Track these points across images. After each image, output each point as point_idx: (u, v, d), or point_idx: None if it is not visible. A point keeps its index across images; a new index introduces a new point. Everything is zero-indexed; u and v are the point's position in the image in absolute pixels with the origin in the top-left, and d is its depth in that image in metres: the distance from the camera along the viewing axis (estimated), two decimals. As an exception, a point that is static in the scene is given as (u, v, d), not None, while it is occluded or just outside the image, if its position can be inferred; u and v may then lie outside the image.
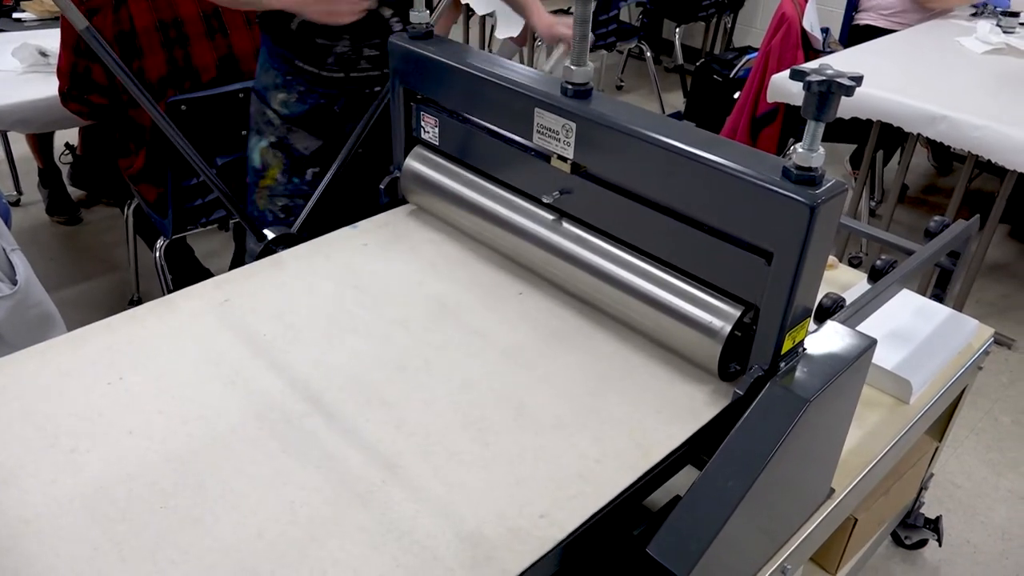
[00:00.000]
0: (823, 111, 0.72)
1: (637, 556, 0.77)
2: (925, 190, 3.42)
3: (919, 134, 2.26)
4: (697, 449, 0.86)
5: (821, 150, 0.75)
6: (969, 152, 2.20)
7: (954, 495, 1.88)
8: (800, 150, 0.75)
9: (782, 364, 0.85)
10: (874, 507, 1.32)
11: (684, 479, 0.85)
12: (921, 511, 1.66)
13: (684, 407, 0.86)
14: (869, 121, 2.36)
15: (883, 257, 1.24)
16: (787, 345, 0.84)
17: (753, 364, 0.85)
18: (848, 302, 1.11)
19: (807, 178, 0.75)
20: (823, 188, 0.75)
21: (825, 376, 0.84)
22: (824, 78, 0.70)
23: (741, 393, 0.83)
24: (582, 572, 0.82)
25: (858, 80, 0.70)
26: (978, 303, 2.55)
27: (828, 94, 0.70)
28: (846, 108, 2.23)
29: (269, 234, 1.26)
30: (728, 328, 0.85)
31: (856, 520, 1.26)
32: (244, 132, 2.02)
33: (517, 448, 0.81)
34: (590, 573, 0.82)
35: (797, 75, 0.70)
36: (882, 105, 2.26)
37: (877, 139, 2.56)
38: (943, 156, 3.55)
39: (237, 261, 2.37)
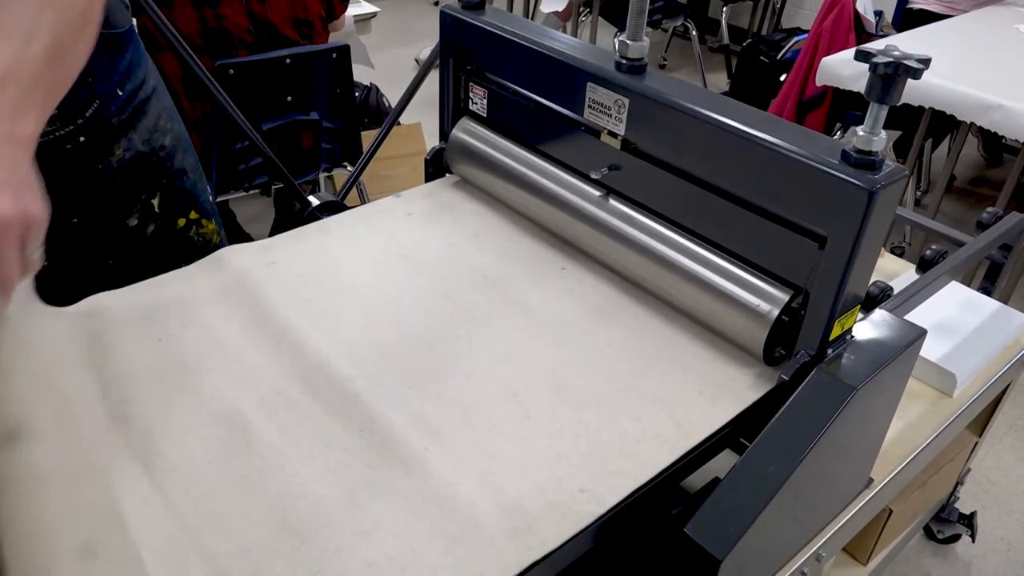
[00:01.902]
0: (888, 94, 0.70)
1: (674, 536, 0.77)
2: (973, 181, 3.34)
3: (972, 123, 2.20)
4: (737, 433, 0.86)
5: (883, 134, 0.73)
6: (1023, 144, 2.14)
7: (990, 491, 1.85)
8: (861, 133, 0.73)
9: (829, 351, 0.84)
10: (910, 499, 1.31)
11: (722, 463, 0.84)
12: (956, 506, 1.64)
13: (727, 389, 0.86)
14: (918, 108, 2.31)
15: (933, 247, 1.22)
16: (835, 332, 0.83)
17: (800, 349, 0.84)
18: (895, 291, 1.09)
19: (867, 162, 0.74)
20: (883, 173, 0.74)
21: (873, 364, 0.83)
22: (891, 59, 0.68)
23: (786, 378, 0.82)
24: (618, 549, 0.82)
25: (926, 63, 0.68)
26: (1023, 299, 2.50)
27: (894, 76, 0.69)
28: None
29: (314, 200, 1.27)
30: (776, 312, 0.84)
31: (891, 511, 1.25)
32: (290, 98, 2.03)
33: (557, 423, 0.81)
34: (626, 551, 0.83)
35: (863, 56, 0.69)
36: (935, 92, 2.21)
37: (927, 127, 2.50)
38: (994, 147, 3.46)
39: (277, 227, 2.40)
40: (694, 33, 4.15)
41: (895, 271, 1.41)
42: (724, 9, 4.37)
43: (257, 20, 1.86)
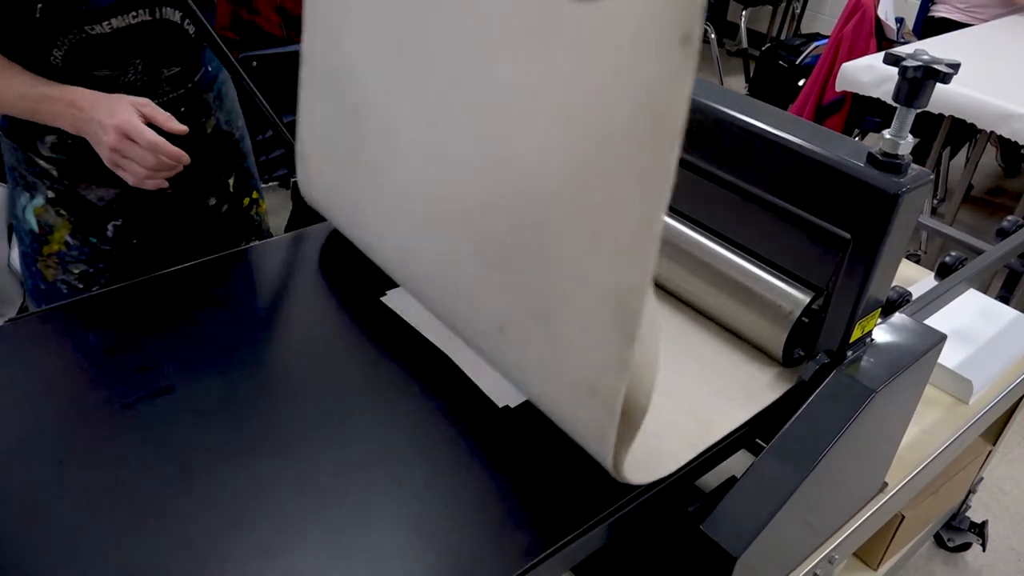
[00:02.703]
0: (916, 98, 0.71)
1: (690, 533, 0.78)
2: (990, 191, 3.33)
3: (992, 132, 2.20)
4: (753, 433, 0.86)
5: (910, 138, 0.74)
6: (1043, 154, 2.13)
7: (1001, 501, 1.85)
8: (888, 136, 0.74)
9: (849, 353, 0.84)
10: (922, 506, 1.31)
11: (737, 463, 0.85)
12: (967, 514, 1.64)
13: (745, 388, 0.86)
14: (937, 115, 2.30)
15: (953, 253, 1.22)
16: (856, 334, 0.83)
17: (819, 351, 0.84)
18: (913, 297, 1.09)
19: (893, 165, 0.74)
20: (908, 176, 0.74)
21: (893, 368, 0.83)
22: (920, 63, 0.69)
23: (806, 380, 0.83)
24: (633, 546, 0.83)
25: (955, 67, 0.68)
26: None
27: (923, 80, 0.69)
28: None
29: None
30: (797, 313, 0.84)
31: (903, 517, 1.25)
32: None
33: (576, 417, 0.82)
34: (641, 547, 0.83)
35: (892, 59, 0.69)
36: (955, 100, 2.20)
37: (946, 135, 2.50)
38: (1012, 157, 3.44)
39: (294, 221, 2.41)
40: (712, 36, 4.15)
41: (912, 277, 1.40)
42: (743, 13, 4.36)
43: (288, 15, 1.88)
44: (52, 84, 0.96)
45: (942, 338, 0.89)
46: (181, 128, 0.97)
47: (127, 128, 0.94)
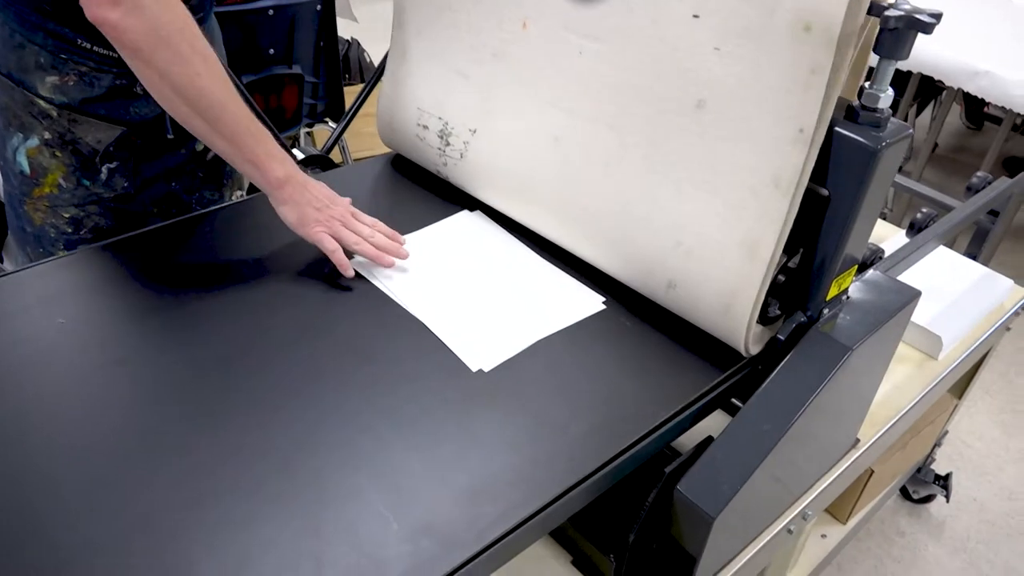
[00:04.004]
0: (897, 49, 0.69)
1: (667, 494, 0.77)
2: (954, 149, 3.35)
3: (959, 89, 2.20)
4: (729, 394, 0.85)
5: (890, 91, 0.72)
6: (1008, 111, 2.15)
7: (964, 453, 1.89)
8: (868, 89, 0.72)
9: (825, 311, 0.83)
10: (890, 460, 1.32)
11: (713, 423, 0.84)
12: (932, 467, 1.67)
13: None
14: (905, 72, 2.30)
15: (924, 210, 1.22)
16: (832, 292, 0.82)
17: (796, 310, 0.84)
18: (886, 254, 1.09)
19: (872, 119, 0.72)
20: (888, 131, 0.73)
21: (868, 325, 0.83)
22: (902, 13, 0.67)
23: (782, 339, 0.82)
24: (612, 507, 0.82)
25: (938, 18, 0.67)
26: (1001, 265, 2.53)
27: (905, 31, 0.67)
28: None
29: (299, 154, 1.24)
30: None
31: (872, 471, 1.27)
32: (272, 51, 1.98)
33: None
34: (619, 509, 0.82)
35: (875, 9, 0.67)
36: (923, 56, 2.19)
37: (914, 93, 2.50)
38: (976, 114, 3.47)
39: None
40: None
41: (882, 235, 1.41)
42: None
43: None
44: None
45: (916, 295, 0.89)
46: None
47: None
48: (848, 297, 0.87)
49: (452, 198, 1.09)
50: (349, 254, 0.93)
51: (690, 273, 0.82)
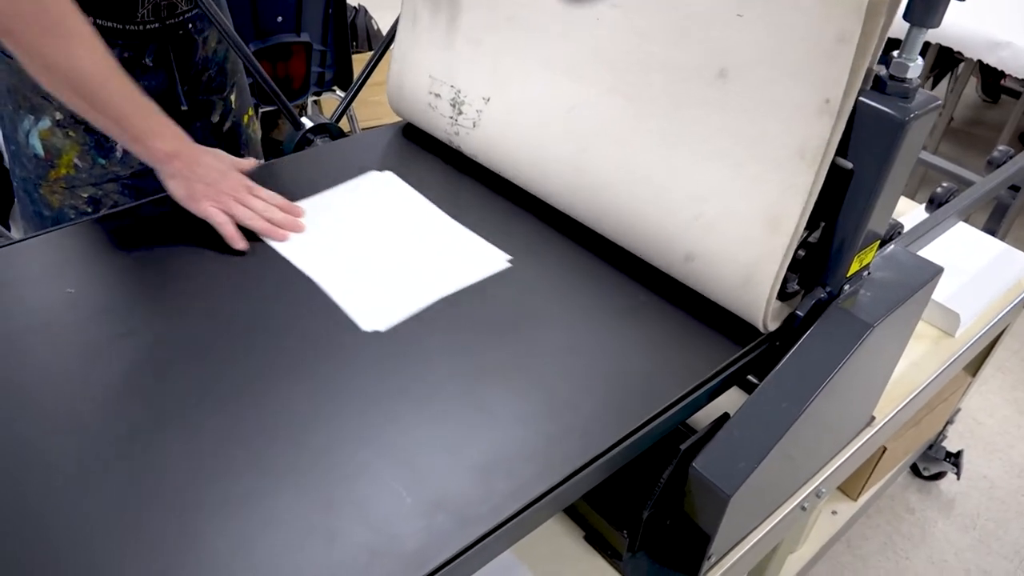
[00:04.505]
0: (929, 16, 0.67)
1: (682, 471, 0.76)
2: (971, 122, 3.31)
3: (977, 61, 2.16)
4: (745, 370, 0.84)
5: (919, 60, 0.70)
6: (1028, 83, 2.10)
7: (976, 431, 1.88)
8: (897, 58, 0.70)
9: (846, 287, 0.82)
10: (903, 437, 1.31)
11: (727, 400, 0.83)
12: (943, 444, 1.66)
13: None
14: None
15: (945, 185, 1.19)
16: (853, 268, 0.80)
17: (816, 285, 0.82)
18: (905, 229, 1.07)
19: (901, 90, 0.70)
20: (916, 102, 0.71)
21: (890, 302, 0.81)
22: (936, -22, 0.64)
23: (801, 315, 0.80)
24: (625, 483, 0.81)
25: (972, -17, 0.64)
26: (1019, 241, 2.50)
27: (938, -3, 0.65)
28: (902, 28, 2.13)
29: (307, 123, 1.21)
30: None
31: (885, 449, 1.26)
32: (280, 19, 1.95)
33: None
34: (633, 485, 0.82)
35: (906, -27, 0.65)
36: (942, 27, 2.15)
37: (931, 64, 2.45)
38: (993, 87, 3.41)
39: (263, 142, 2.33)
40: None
41: (899, 209, 1.38)
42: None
43: None
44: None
45: (938, 271, 0.87)
46: (251, 163, 0.98)
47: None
48: (869, 273, 0.85)
49: (463, 168, 1.07)
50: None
51: (709, 245, 0.80)
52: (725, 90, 0.76)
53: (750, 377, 0.88)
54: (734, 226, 0.78)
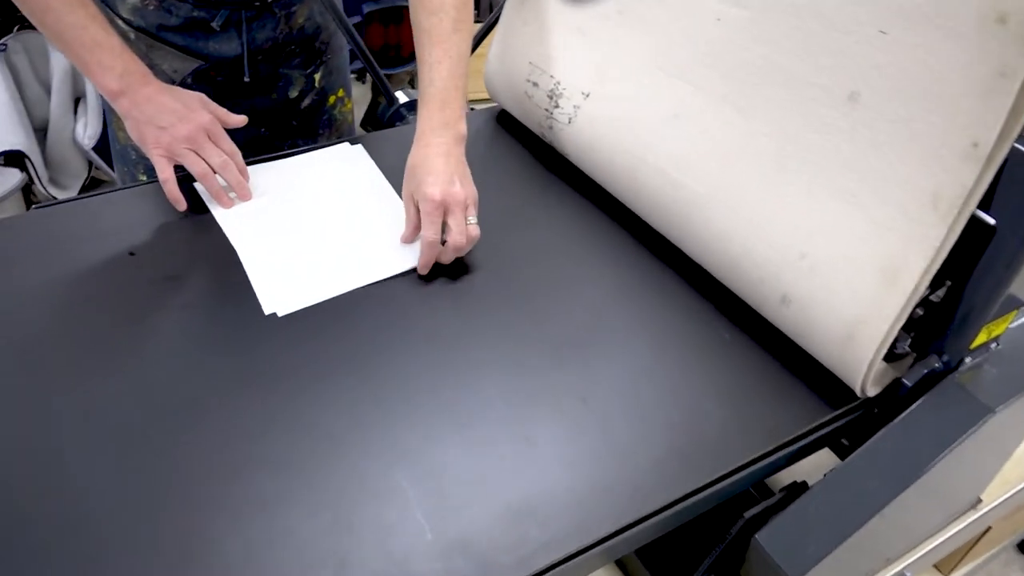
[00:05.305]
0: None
1: (743, 537, 0.68)
2: None
3: None
4: (835, 436, 0.74)
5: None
6: None
7: (1097, 512, 1.68)
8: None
9: (967, 359, 0.70)
10: (1013, 517, 1.17)
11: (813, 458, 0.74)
12: (1057, 523, 1.48)
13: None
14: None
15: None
16: (980, 338, 0.69)
17: (931, 351, 0.71)
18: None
19: (1067, 138, 0.58)
20: (1086, 153, 0.59)
21: (1018, 384, 0.69)
22: None
23: (909, 384, 0.70)
24: (677, 537, 0.74)
25: None
26: None
27: None
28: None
29: (402, 97, 1.17)
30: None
31: (989, 528, 1.12)
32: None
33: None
34: (686, 541, 0.74)
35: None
36: None
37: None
38: None
39: (367, 119, 2.32)
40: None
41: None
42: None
43: None
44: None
45: (1085, 351, 0.74)
46: (239, 119, 0.90)
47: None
48: (998, 345, 0.73)
49: (553, 166, 1.00)
50: None
51: (811, 290, 0.71)
52: (854, 117, 0.66)
53: (844, 440, 0.78)
54: (843, 273, 0.68)
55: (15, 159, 1.78)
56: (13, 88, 1.80)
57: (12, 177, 1.80)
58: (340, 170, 0.96)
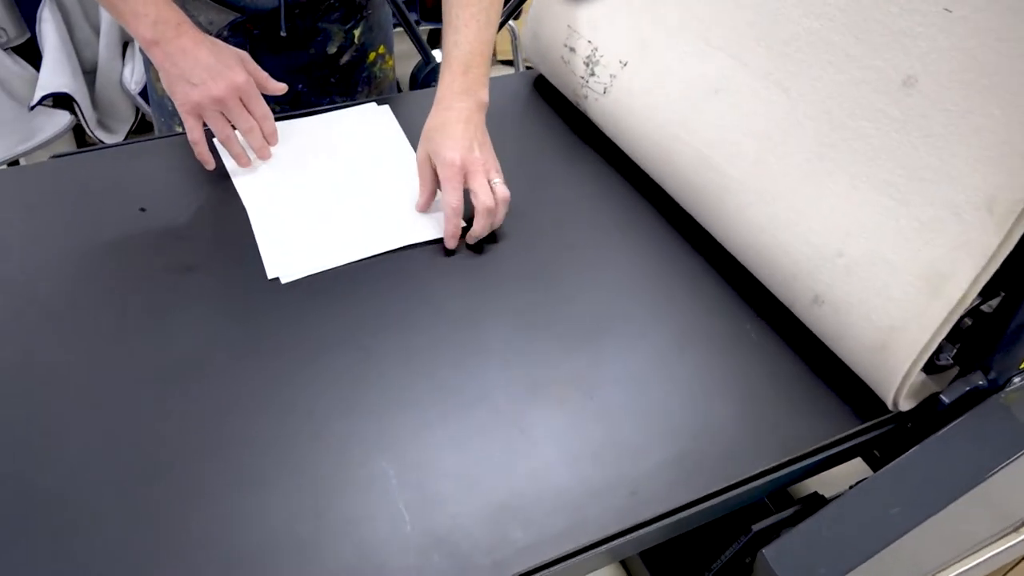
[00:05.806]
0: None
1: (750, 550, 0.63)
2: None
3: None
4: (863, 448, 0.69)
5: None
6: None
7: None
8: None
9: (1016, 379, 0.64)
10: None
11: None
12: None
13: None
14: None
15: None
16: (1032, 357, 0.62)
17: (976, 366, 0.64)
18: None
19: None
20: None
21: (1071, 410, 0.63)
22: None
23: (948, 400, 0.63)
24: (681, 541, 0.70)
25: None
26: None
27: None
28: None
29: (439, 57, 1.12)
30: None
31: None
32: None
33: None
34: (690, 545, 0.70)
35: None
36: None
37: None
38: None
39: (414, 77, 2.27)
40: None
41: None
42: None
43: None
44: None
45: None
46: (279, 87, 0.87)
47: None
48: (1053, 365, 0.66)
49: (588, 137, 0.94)
50: None
51: (846, 292, 0.65)
52: (908, 105, 0.59)
53: (876, 452, 0.72)
54: (882, 276, 0.62)
55: (64, 101, 1.79)
56: (63, 29, 1.80)
57: (62, 119, 1.81)
58: (363, 132, 0.92)
